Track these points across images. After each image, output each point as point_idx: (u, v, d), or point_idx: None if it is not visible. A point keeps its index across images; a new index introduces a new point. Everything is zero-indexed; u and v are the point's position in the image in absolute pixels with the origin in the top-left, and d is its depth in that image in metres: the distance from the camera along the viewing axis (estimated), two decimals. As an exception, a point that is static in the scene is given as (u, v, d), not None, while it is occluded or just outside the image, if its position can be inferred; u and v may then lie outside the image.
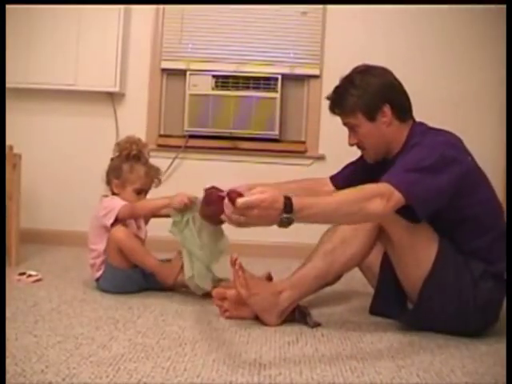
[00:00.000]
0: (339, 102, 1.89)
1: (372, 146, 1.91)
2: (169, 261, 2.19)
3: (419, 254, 1.74)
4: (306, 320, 1.85)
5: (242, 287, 1.80)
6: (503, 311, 1.80)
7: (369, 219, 1.62)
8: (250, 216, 1.38)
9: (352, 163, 2.14)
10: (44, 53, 3.16)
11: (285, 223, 1.41)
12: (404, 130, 1.88)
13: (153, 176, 2.31)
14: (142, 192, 2.28)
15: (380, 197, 1.52)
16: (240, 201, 1.36)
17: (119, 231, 2.14)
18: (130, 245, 2.14)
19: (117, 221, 2.16)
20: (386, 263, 1.89)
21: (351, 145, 1.93)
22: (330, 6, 3.27)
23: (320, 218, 1.49)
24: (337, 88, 1.91)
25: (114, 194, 2.27)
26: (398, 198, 1.55)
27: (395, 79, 1.89)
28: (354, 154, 2.05)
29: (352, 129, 1.91)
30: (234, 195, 1.39)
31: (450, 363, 1.55)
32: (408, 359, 1.57)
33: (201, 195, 2.01)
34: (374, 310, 2.02)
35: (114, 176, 2.27)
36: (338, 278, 1.92)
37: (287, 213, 1.39)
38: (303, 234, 2.17)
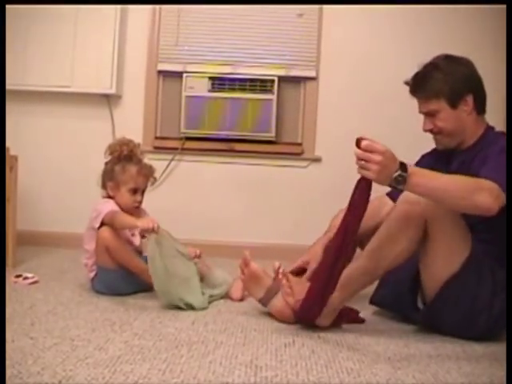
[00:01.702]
0: (423, 85, 1.88)
1: (449, 131, 1.89)
2: None
3: (451, 254, 1.70)
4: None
5: (288, 296, 1.80)
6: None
7: (474, 210, 1.57)
8: (372, 160, 1.45)
9: None
10: (40, 55, 3.15)
11: (399, 181, 1.48)
12: (480, 124, 1.88)
13: (146, 174, 2.29)
14: (137, 191, 2.26)
15: (489, 192, 1.54)
16: (365, 142, 1.44)
17: (105, 231, 2.14)
18: (114, 244, 2.13)
19: (103, 225, 2.16)
20: None
21: (425, 131, 1.93)
22: (326, 8, 3.27)
23: (429, 190, 1.55)
24: (418, 73, 1.90)
25: (109, 197, 2.27)
26: (504, 197, 1.57)
27: (477, 72, 1.88)
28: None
29: (429, 114, 1.90)
30: (360, 140, 1.49)
31: (446, 364, 1.56)
32: (404, 361, 1.58)
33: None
34: (377, 300, 2.00)
35: (108, 179, 2.27)
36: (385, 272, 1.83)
37: (402, 171, 1.47)
38: (300, 235, 2.17)
